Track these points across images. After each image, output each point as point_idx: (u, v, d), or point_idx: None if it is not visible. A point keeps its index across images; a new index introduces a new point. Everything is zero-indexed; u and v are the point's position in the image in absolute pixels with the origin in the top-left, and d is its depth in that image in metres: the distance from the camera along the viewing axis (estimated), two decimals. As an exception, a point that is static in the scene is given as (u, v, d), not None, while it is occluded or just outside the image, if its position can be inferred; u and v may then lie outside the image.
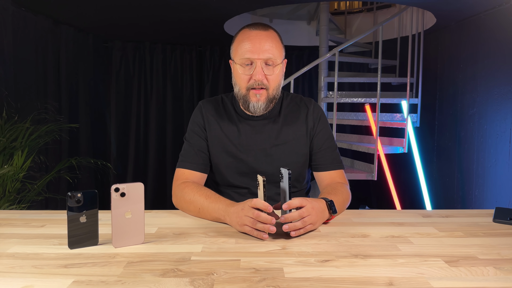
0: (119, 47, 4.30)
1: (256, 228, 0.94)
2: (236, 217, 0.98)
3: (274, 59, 1.20)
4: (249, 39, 1.20)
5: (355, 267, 0.78)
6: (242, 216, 0.96)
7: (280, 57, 1.22)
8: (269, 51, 1.19)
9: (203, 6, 2.97)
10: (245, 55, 1.19)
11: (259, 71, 1.19)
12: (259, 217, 0.93)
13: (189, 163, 1.27)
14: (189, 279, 0.72)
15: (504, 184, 2.79)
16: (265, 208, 0.92)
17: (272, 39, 1.21)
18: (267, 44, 1.19)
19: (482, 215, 1.17)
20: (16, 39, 2.91)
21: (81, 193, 0.85)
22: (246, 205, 0.96)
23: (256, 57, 1.18)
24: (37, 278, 0.72)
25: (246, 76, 1.21)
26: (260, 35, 1.20)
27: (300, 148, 1.30)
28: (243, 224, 0.96)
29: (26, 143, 2.38)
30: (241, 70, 1.21)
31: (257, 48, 1.18)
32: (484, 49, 3.03)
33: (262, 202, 0.93)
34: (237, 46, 1.22)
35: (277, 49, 1.21)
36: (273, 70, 1.21)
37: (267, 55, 1.18)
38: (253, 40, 1.19)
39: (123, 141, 4.40)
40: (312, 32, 4.33)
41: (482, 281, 0.72)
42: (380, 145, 3.23)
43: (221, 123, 1.31)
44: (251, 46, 1.18)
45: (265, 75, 1.20)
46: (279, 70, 1.23)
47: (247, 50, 1.19)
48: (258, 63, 1.18)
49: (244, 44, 1.20)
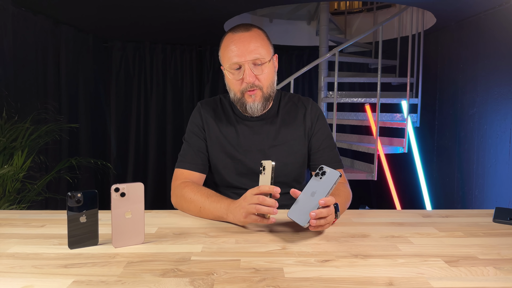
0: (119, 47, 4.30)
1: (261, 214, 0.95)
2: (239, 209, 0.99)
3: (261, 58, 1.19)
4: (233, 42, 1.19)
5: (355, 267, 0.78)
6: (246, 206, 0.97)
7: (267, 54, 1.21)
8: (255, 51, 1.18)
9: (203, 6, 2.97)
10: (232, 60, 1.18)
11: (249, 73, 1.18)
12: (264, 202, 0.94)
13: (188, 164, 1.27)
14: (189, 279, 0.72)
15: (504, 184, 2.79)
16: (272, 191, 0.94)
17: (257, 38, 1.20)
18: (251, 45, 1.18)
19: (482, 215, 1.17)
20: (16, 39, 2.91)
21: (81, 193, 0.85)
22: (248, 194, 0.98)
23: (243, 60, 1.17)
24: (37, 278, 0.72)
25: (238, 81, 1.21)
26: (244, 37, 1.19)
27: (298, 148, 1.30)
28: (248, 213, 0.97)
29: (26, 143, 2.38)
30: (231, 76, 1.21)
31: (242, 50, 1.17)
32: (484, 49, 3.03)
33: (269, 186, 0.95)
34: (223, 52, 1.22)
35: (263, 47, 1.20)
36: (263, 69, 1.20)
37: (254, 55, 1.17)
38: (237, 43, 1.18)
39: (123, 141, 4.40)
40: (312, 32, 4.33)
41: (482, 281, 0.72)
42: (380, 145, 3.23)
43: (220, 124, 1.31)
44: (236, 50, 1.18)
45: (255, 76, 1.19)
46: (269, 67, 1.22)
47: (233, 55, 1.18)
48: (246, 66, 1.18)
49: (230, 49, 1.19)
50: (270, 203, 0.94)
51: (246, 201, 0.97)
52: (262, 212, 0.95)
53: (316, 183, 0.96)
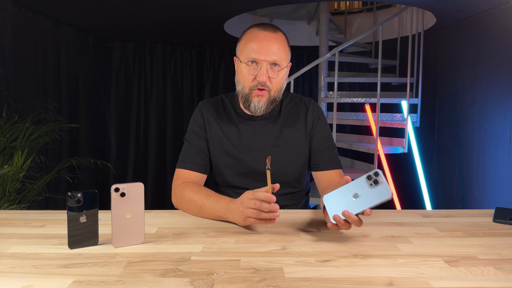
0: (119, 47, 4.30)
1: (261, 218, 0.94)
2: (237, 212, 0.98)
3: (280, 62, 1.19)
4: (257, 39, 1.19)
5: (355, 267, 0.78)
6: (244, 209, 0.96)
7: (285, 60, 1.22)
8: (275, 53, 1.18)
9: (203, 6, 2.97)
10: (251, 54, 1.19)
11: (264, 73, 1.18)
12: (261, 207, 0.93)
13: (189, 164, 1.27)
14: (189, 279, 0.72)
15: (504, 184, 2.79)
16: (268, 199, 0.92)
17: (280, 42, 1.20)
18: (274, 47, 1.18)
19: (482, 215, 1.17)
20: (16, 39, 2.91)
21: (81, 193, 0.85)
22: (245, 198, 0.97)
23: (263, 58, 1.18)
24: (37, 278, 0.72)
25: (251, 76, 1.21)
26: (269, 37, 1.19)
27: (300, 148, 1.30)
28: (246, 217, 0.96)
29: (26, 143, 2.38)
30: (246, 70, 1.21)
31: (264, 49, 1.18)
32: (484, 49, 3.03)
33: (264, 194, 0.93)
34: (244, 45, 1.22)
35: (283, 52, 1.21)
36: (278, 73, 1.21)
37: (274, 57, 1.18)
38: (261, 41, 1.18)
39: (123, 141, 4.40)
40: (312, 32, 4.33)
41: (482, 281, 0.72)
42: (380, 145, 3.23)
43: (221, 123, 1.30)
44: (258, 47, 1.18)
45: (269, 77, 1.20)
46: (284, 73, 1.23)
47: (253, 50, 1.18)
48: (263, 65, 1.18)
49: (252, 44, 1.19)
50: (268, 208, 0.93)
51: (243, 205, 0.97)
52: (262, 218, 0.94)
53: (364, 187, 0.89)
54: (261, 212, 0.94)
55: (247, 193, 0.97)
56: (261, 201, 0.93)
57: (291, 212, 1.18)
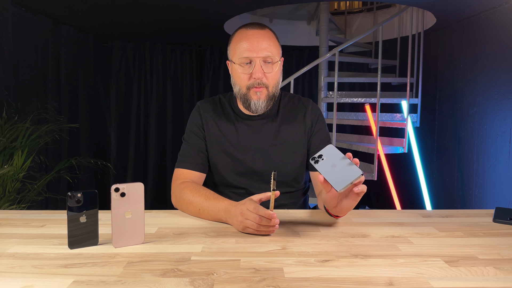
0: (119, 47, 4.30)
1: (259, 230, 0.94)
2: (236, 220, 0.98)
3: (272, 56, 1.21)
4: (246, 38, 1.21)
5: (355, 267, 0.78)
6: (243, 220, 0.96)
7: (277, 55, 1.24)
8: (267, 49, 1.20)
9: (203, 6, 2.97)
10: (243, 54, 1.20)
11: (259, 69, 1.20)
12: (261, 223, 0.93)
13: (188, 163, 1.27)
14: (189, 279, 0.72)
15: (504, 184, 2.79)
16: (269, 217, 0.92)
17: (269, 38, 1.23)
18: (264, 43, 1.20)
19: (482, 215, 1.17)
20: (16, 39, 2.91)
21: (81, 193, 0.85)
22: (244, 208, 0.96)
23: (255, 55, 1.19)
24: (37, 278, 0.72)
25: (246, 75, 1.22)
26: (258, 34, 1.21)
27: (298, 148, 1.30)
28: (245, 227, 0.96)
29: (26, 143, 2.38)
30: (241, 70, 1.22)
31: (255, 46, 1.19)
32: (484, 49, 3.03)
33: (265, 212, 0.93)
34: (235, 46, 1.23)
35: (274, 47, 1.23)
36: (272, 68, 1.22)
37: (265, 53, 1.20)
38: (251, 39, 1.20)
39: (123, 141, 4.40)
40: (312, 32, 4.33)
41: (482, 281, 0.72)
42: (380, 145, 3.23)
43: (219, 123, 1.31)
44: (249, 45, 1.19)
45: (264, 73, 1.21)
46: (278, 67, 1.24)
47: (245, 49, 1.20)
48: (257, 61, 1.19)
49: (242, 44, 1.21)
50: (267, 223, 0.93)
51: (243, 216, 0.96)
52: (261, 233, 0.95)
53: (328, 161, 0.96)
54: (260, 226, 0.94)
55: (248, 204, 0.97)
56: (261, 216, 0.93)
57: (291, 212, 1.17)
